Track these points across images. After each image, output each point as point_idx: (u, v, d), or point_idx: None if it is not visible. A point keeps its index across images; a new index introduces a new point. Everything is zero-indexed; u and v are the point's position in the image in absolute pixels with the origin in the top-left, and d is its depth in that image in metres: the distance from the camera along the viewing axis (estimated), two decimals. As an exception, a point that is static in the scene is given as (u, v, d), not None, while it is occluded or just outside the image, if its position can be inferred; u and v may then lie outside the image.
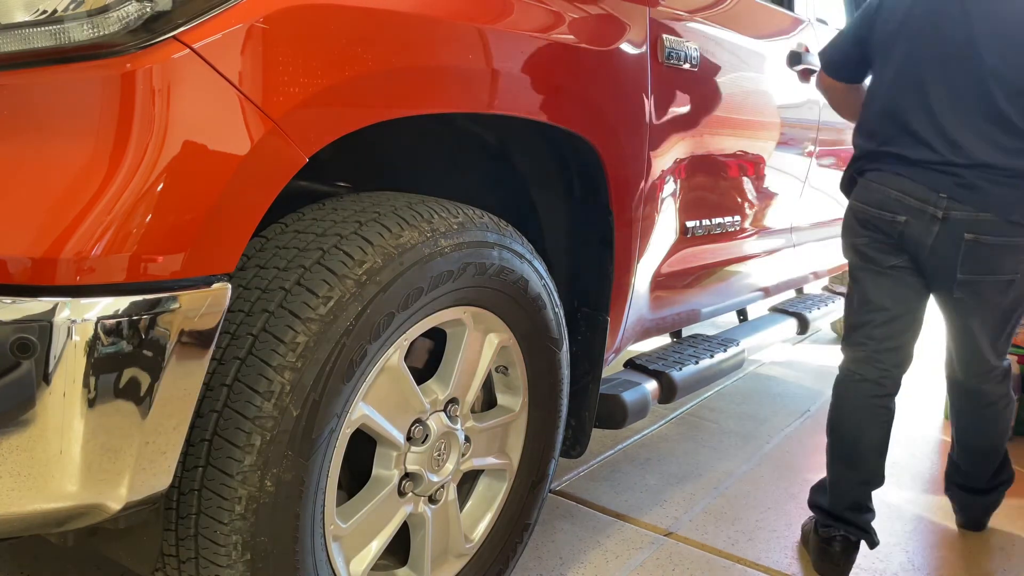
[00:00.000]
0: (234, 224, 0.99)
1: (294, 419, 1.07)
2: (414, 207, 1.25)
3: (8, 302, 0.86)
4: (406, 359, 1.29)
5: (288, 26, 1.00)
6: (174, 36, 0.93)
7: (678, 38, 1.80)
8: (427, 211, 1.25)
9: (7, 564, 1.67)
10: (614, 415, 1.88)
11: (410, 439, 1.35)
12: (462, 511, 1.55)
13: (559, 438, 1.69)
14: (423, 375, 1.39)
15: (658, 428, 2.87)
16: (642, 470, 2.49)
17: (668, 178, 1.85)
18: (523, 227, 1.62)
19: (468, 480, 1.59)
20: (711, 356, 2.24)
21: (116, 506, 0.97)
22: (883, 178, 1.89)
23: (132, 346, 0.91)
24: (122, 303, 0.90)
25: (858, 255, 1.99)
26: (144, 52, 0.92)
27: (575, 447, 1.82)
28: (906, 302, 1.96)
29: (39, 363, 0.87)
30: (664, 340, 2.43)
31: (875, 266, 1.95)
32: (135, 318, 0.91)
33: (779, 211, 2.54)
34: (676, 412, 3.05)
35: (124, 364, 0.91)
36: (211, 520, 1.07)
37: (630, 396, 1.90)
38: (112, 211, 0.89)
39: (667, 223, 1.91)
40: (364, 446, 1.31)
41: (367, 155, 1.57)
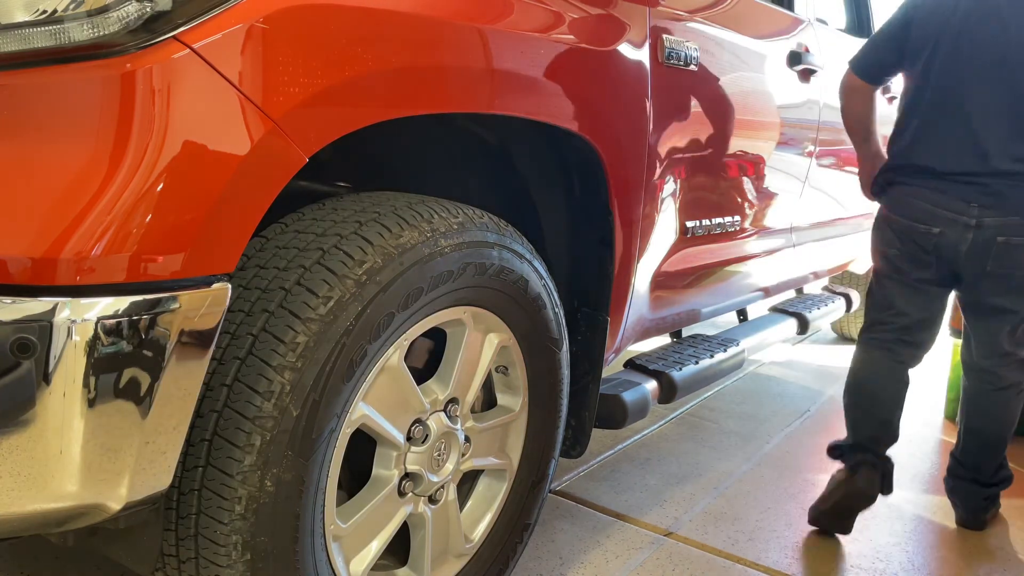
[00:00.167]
0: (234, 224, 0.99)
1: (294, 419, 1.07)
2: (414, 207, 1.25)
3: (8, 302, 0.86)
4: (406, 359, 1.29)
5: (288, 26, 1.00)
6: (174, 36, 0.93)
7: (678, 38, 1.80)
8: (427, 211, 1.25)
9: (7, 564, 1.67)
10: (614, 415, 1.88)
11: (410, 439, 1.35)
12: (462, 511, 1.55)
13: (559, 438, 1.69)
14: (423, 375, 1.39)
15: (658, 428, 2.87)
16: (642, 470, 2.49)
17: (668, 178, 1.85)
18: (523, 227, 1.62)
19: (468, 480, 1.59)
20: (711, 356, 2.24)
21: (116, 506, 0.97)
22: (916, 192, 2.06)
23: (132, 346, 0.91)
24: (122, 303, 0.90)
25: (888, 262, 2.15)
26: (144, 52, 0.92)
27: (575, 447, 1.82)
28: (928, 309, 2.15)
29: (39, 363, 0.87)
30: (664, 340, 2.43)
31: (903, 277, 2.12)
32: (135, 318, 0.91)
33: (779, 211, 2.54)
34: (676, 412, 3.05)
35: (124, 364, 0.91)
36: (211, 520, 1.07)
37: (630, 396, 1.90)
38: (112, 211, 0.89)
39: (667, 223, 1.91)
40: (364, 446, 1.31)
41: (367, 155, 1.57)
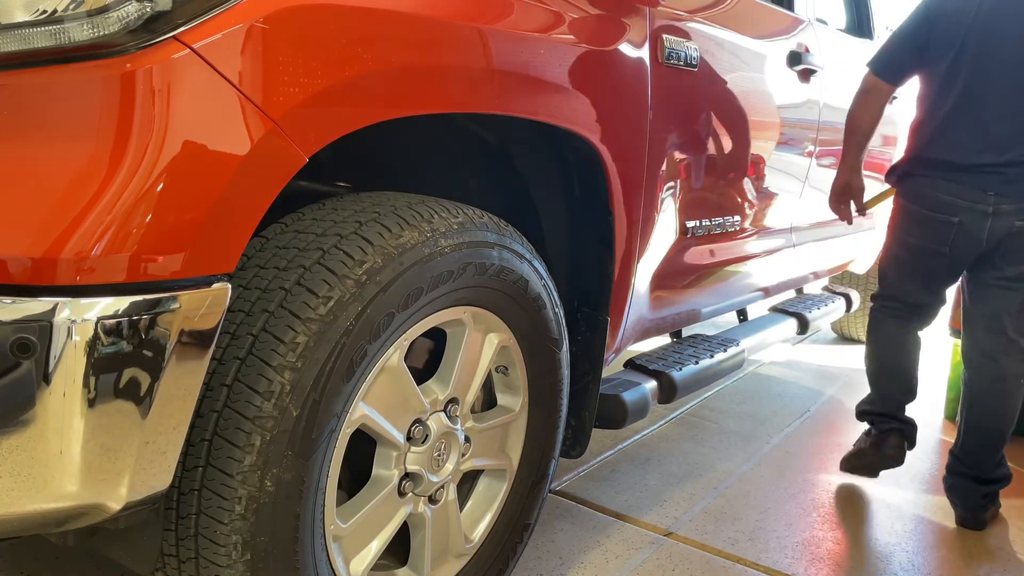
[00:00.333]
0: (234, 224, 0.99)
1: (294, 419, 1.07)
2: (414, 207, 1.25)
3: (8, 302, 0.86)
4: (406, 359, 1.29)
5: (288, 26, 1.00)
6: (174, 36, 0.93)
7: (678, 38, 1.80)
8: (427, 211, 1.25)
9: (7, 564, 1.67)
10: (614, 415, 1.88)
11: (410, 439, 1.35)
12: (462, 511, 1.55)
13: (559, 438, 1.69)
14: (423, 375, 1.39)
15: (658, 428, 2.87)
16: (642, 470, 2.49)
17: (668, 178, 1.85)
18: (523, 227, 1.62)
19: (468, 480, 1.59)
20: (711, 356, 2.24)
21: (116, 506, 0.97)
22: (934, 183, 2.18)
23: (132, 346, 0.91)
24: (122, 303, 0.90)
25: (906, 248, 2.31)
26: (144, 52, 0.92)
27: (575, 447, 1.82)
28: (937, 293, 2.35)
29: (39, 363, 0.87)
30: (664, 340, 2.43)
31: (918, 261, 2.29)
32: (135, 318, 0.91)
33: (779, 211, 2.54)
34: (676, 412, 3.05)
35: (124, 364, 0.91)
36: (211, 520, 1.07)
37: (630, 396, 1.90)
38: (112, 211, 0.89)
39: (667, 223, 1.91)
40: (364, 446, 1.31)
41: (367, 155, 1.57)
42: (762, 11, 2.34)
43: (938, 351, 3.68)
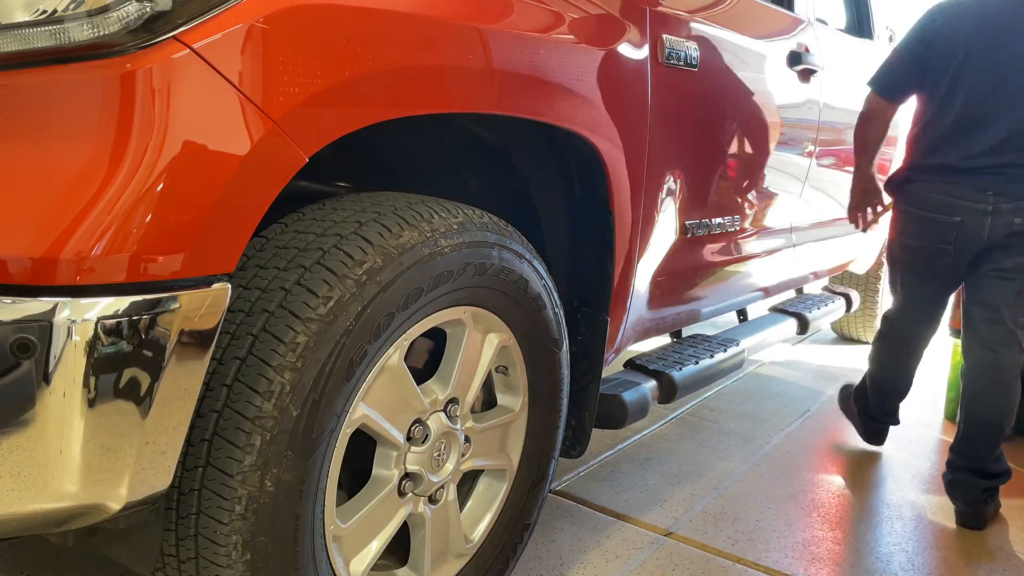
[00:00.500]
0: (234, 224, 0.99)
1: (294, 419, 1.07)
2: (414, 207, 1.25)
3: (8, 302, 0.86)
4: (406, 359, 1.29)
5: (288, 26, 1.00)
6: (174, 36, 0.93)
7: (678, 38, 1.80)
8: (427, 211, 1.25)
9: (7, 564, 1.67)
10: (614, 415, 1.88)
11: (410, 439, 1.35)
12: (462, 511, 1.55)
13: (559, 438, 1.69)
14: (423, 375, 1.39)
15: (658, 428, 2.87)
16: (642, 470, 2.49)
17: (668, 178, 1.85)
18: (523, 227, 1.62)
19: (468, 480, 1.59)
20: (711, 356, 2.24)
21: (116, 506, 0.97)
22: (933, 187, 2.29)
23: (132, 346, 0.91)
24: (122, 303, 0.90)
25: (909, 252, 2.40)
26: (144, 52, 0.92)
27: (575, 447, 1.82)
28: (943, 296, 2.45)
29: (39, 363, 0.87)
30: (664, 340, 2.43)
31: (922, 264, 2.38)
32: (135, 318, 0.91)
33: (779, 211, 2.54)
34: (676, 412, 3.05)
35: (124, 364, 0.91)
36: (211, 520, 1.07)
37: (630, 396, 1.90)
38: (112, 211, 0.89)
39: (667, 223, 1.91)
40: (364, 446, 1.31)
41: (367, 155, 1.57)
42: (762, 11, 2.34)
43: (938, 351, 3.68)
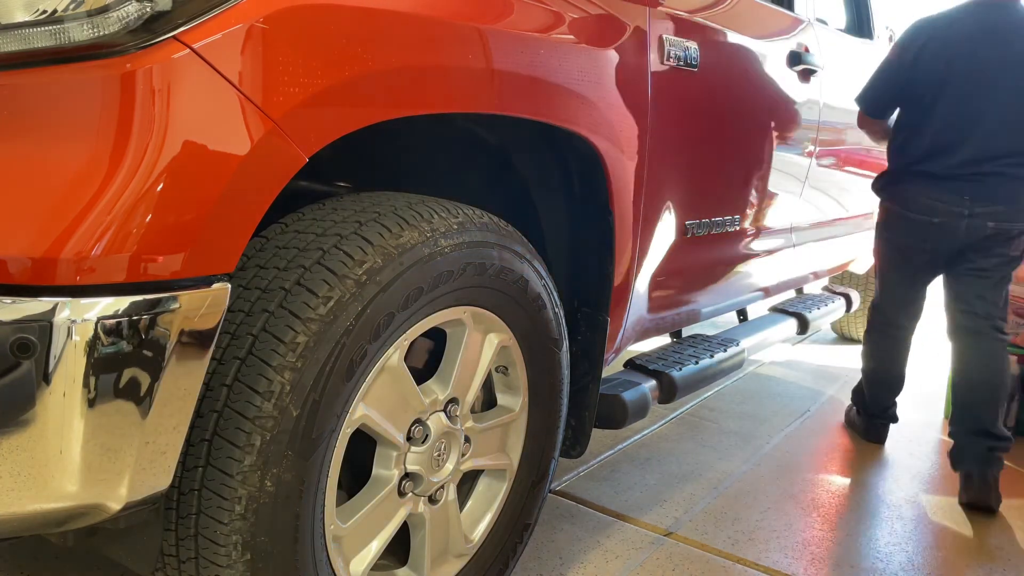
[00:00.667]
0: (234, 224, 0.99)
1: (294, 419, 1.07)
2: (414, 207, 1.25)
3: (8, 302, 0.86)
4: (406, 359, 1.29)
5: (288, 26, 1.00)
6: (174, 36, 0.93)
7: (678, 38, 1.80)
8: (427, 211, 1.25)
9: (7, 564, 1.67)
10: (614, 415, 1.88)
11: (410, 439, 1.35)
12: (462, 511, 1.55)
13: (559, 438, 1.69)
14: (423, 375, 1.39)
15: (658, 428, 2.87)
16: (642, 470, 2.49)
17: (668, 178, 1.85)
18: (523, 227, 1.62)
19: (468, 480, 1.59)
20: (711, 356, 2.24)
21: (116, 506, 0.97)
22: (917, 190, 2.50)
23: (132, 346, 0.91)
24: (122, 303, 0.90)
25: (892, 247, 2.66)
26: (144, 52, 0.92)
27: (575, 447, 1.82)
28: (922, 286, 2.68)
29: (39, 363, 0.87)
30: (664, 340, 2.43)
31: (903, 258, 2.63)
32: (135, 318, 0.91)
33: (779, 211, 2.54)
34: (676, 412, 3.05)
35: (124, 364, 0.91)
36: (211, 520, 1.07)
37: (630, 396, 1.90)
38: (112, 211, 0.89)
39: (667, 223, 1.91)
40: (364, 446, 1.31)
41: (367, 155, 1.57)
42: (762, 11, 2.34)
43: (938, 351, 3.68)
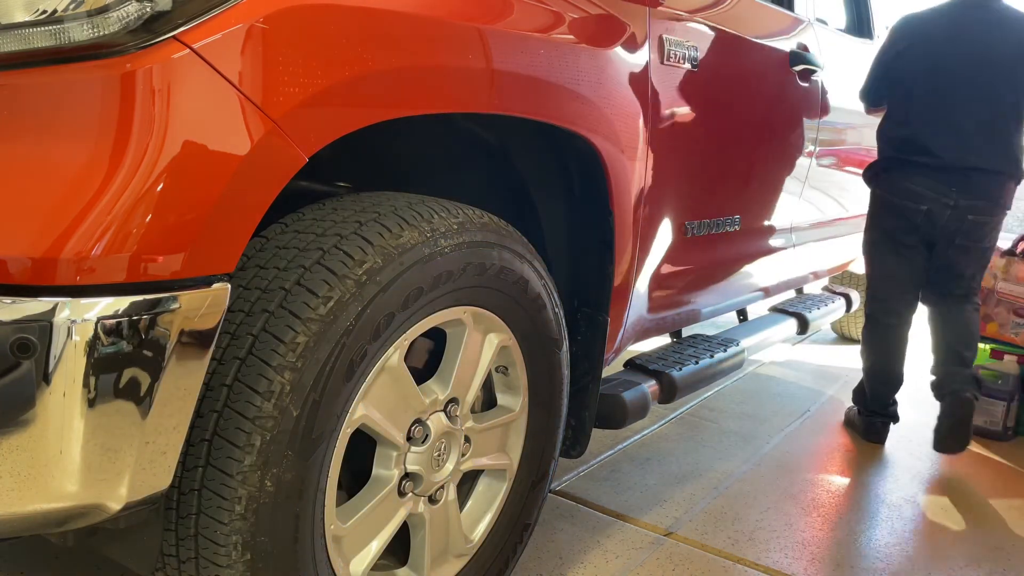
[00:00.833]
0: (234, 224, 0.99)
1: (294, 419, 1.07)
2: (414, 207, 1.25)
3: (8, 302, 0.86)
4: (406, 359, 1.29)
5: (288, 26, 1.00)
6: (174, 36, 0.93)
7: (678, 38, 1.80)
8: (427, 211, 1.25)
9: (7, 564, 1.67)
10: (614, 415, 1.88)
11: (410, 439, 1.35)
12: (462, 511, 1.55)
13: (559, 438, 1.69)
14: (423, 375, 1.39)
15: (658, 428, 2.87)
16: (642, 470, 2.49)
17: (668, 178, 1.85)
18: (523, 227, 1.62)
19: (468, 480, 1.59)
20: (711, 356, 2.24)
21: (116, 506, 0.97)
22: (909, 178, 2.68)
23: (132, 346, 0.91)
24: (122, 303, 0.90)
25: (883, 233, 2.81)
26: (144, 52, 0.92)
27: (575, 447, 1.82)
28: (916, 272, 2.80)
29: (39, 363, 0.87)
30: (664, 340, 2.43)
31: (894, 243, 2.78)
32: (135, 318, 0.91)
33: (779, 211, 2.54)
34: (676, 412, 3.05)
35: (124, 364, 0.91)
36: (211, 520, 1.07)
37: (630, 396, 1.90)
38: (112, 211, 0.89)
39: (667, 223, 1.91)
40: (364, 446, 1.31)
41: (367, 155, 1.57)
42: (762, 11, 2.34)
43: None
